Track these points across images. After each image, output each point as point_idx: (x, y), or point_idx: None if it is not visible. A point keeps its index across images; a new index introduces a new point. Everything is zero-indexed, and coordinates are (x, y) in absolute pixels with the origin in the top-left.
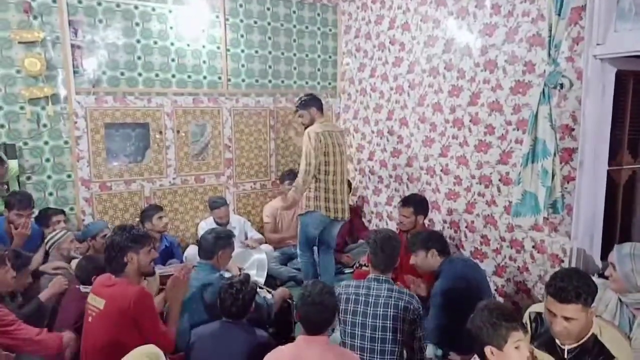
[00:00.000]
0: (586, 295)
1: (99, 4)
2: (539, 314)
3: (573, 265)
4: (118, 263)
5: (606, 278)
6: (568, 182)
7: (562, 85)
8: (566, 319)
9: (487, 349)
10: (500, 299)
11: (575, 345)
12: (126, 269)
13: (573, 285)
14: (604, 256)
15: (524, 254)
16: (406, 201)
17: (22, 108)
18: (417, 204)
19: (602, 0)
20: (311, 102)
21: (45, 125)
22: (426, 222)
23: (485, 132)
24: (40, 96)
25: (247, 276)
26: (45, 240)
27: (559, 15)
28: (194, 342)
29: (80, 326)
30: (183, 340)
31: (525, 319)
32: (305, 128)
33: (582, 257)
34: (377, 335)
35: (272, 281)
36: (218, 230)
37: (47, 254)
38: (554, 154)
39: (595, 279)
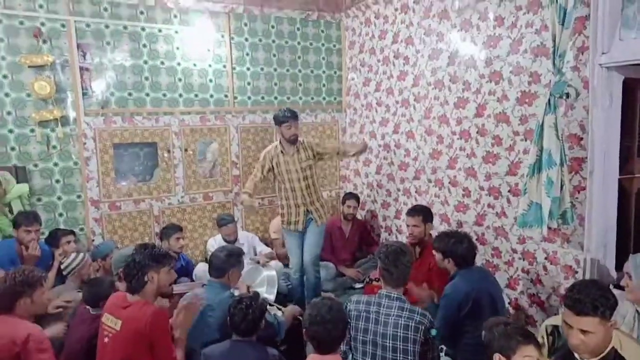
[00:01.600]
0: (604, 309)
1: (107, 26)
2: (555, 327)
3: (587, 276)
4: (138, 281)
5: (622, 289)
6: (579, 192)
7: (568, 95)
8: (583, 332)
9: (496, 356)
10: (515, 312)
11: (595, 359)
12: (145, 287)
13: (590, 297)
14: (619, 266)
15: (536, 265)
16: (414, 210)
17: (32, 131)
18: (424, 212)
19: (607, 8)
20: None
21: (54, 147)
22: (433, 232)
23: (493, 143)
24: (49, 118)
25: (257, 294)
26: (63, 267)
27: (563, 25)
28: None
29: (90, 347)
30: None
31: (542, 332)
32: (293, 141)
33: (596, 268)
34: (387, 356)
35: (282, 298)
36: (229, 248)
37: (62, 276)
38: (561, 164)
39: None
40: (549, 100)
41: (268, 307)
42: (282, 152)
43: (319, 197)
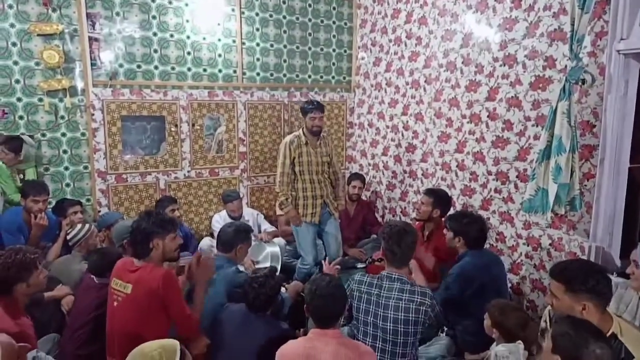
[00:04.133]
0: (571, 279)
1: None
2: None
3: None
4: (144, 248)
5: (627, 277)
6: (588, 180)
7: (584, 81)
8: (553, 295)
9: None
10: (516, 297)
11: None
12: (151, 254)
13: (566, 265)
14: (624, 255)
15: (540, 251)
16: (430, 190)
17: (40, 100)
18: (438, 197)
19: None
20: None
21: (62, 117)
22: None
23: (503, 127)
24: (58, 88)
25: (274, 270)
26: (69, 237)
27: (582, 9)
28: (219, 321)
29: (97, 315)
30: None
31: (545, 317)
32: (316, 132)
33: (600, 256)
34: (388, 338)
35: (286, 276)
36: (238, 224)
37: (68, 247)
38: (573, 151)
39: (614, 278)
40: (564, 86)
41: None
42: (306, 143)
43: (331, 192)
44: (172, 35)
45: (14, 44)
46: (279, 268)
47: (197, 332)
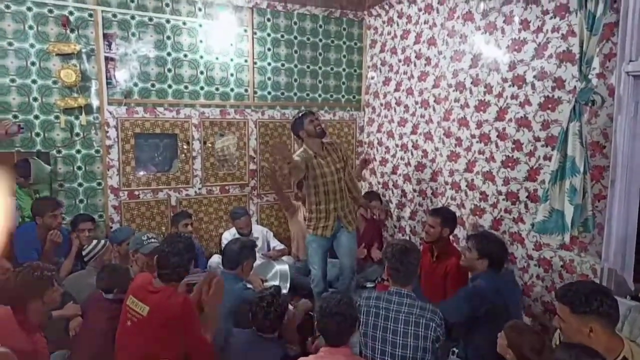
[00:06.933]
0: (574, 300)
1: (133, 17)
2: None
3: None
4: (181, 276)
5: None
6: (599, 201)
7: (593, 102)
8: (559, 316)
9: None
10: (527, 319)
11: None
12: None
13: (570, 287)
14: (638, 278)
15: (552, 273)
16: (435, 211)
17: (56, 117)
18: (446, 215)
19: (636, 16)
20: None
21: (78, 135)
22: (451, 238)
23: (513, 148)
24: (74, 106)
25: (279, 289)
26: (85, 253)
27: (591, 31)
28: (228, 345)
29: (110, 329)
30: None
31: (555, 339)
32: (321, 133)
33: (613, 278)
34: (397, 353)
35: (295, 293)
36: (242, 240)
37: (82, 262)
38: (584, 172)
39: (627, 301)
40: (574, 107)
41: None
42: (315, 156)
43: (349, 203)
44: (185, 55)
45: (33, 63)
46: (287, 286)
47: (212, 355)
